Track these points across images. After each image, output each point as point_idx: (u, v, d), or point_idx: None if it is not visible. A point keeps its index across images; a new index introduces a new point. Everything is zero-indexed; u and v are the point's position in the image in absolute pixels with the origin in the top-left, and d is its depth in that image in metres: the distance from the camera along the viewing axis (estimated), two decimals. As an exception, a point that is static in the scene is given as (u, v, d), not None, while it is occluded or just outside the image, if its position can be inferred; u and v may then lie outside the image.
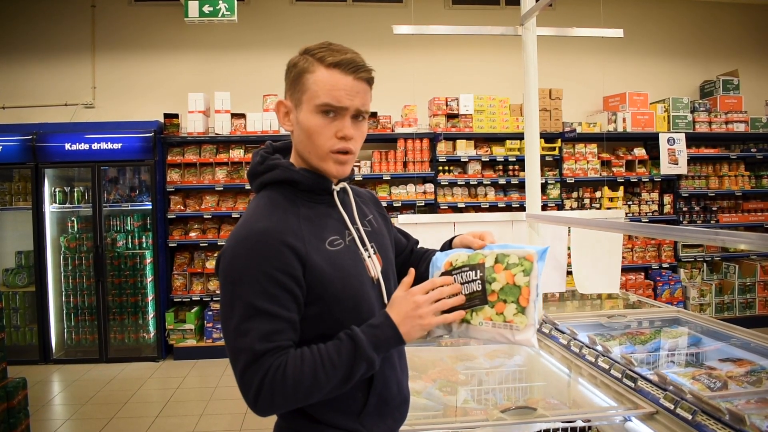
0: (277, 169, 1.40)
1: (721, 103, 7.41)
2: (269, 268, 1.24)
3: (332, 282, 1.31)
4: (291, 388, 1.21)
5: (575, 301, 3.90)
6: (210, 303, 6.60)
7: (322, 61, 1.33)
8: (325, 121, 1.33)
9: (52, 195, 6.47)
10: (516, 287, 1.31)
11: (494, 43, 7.31)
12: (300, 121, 1.36)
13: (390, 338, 1.27)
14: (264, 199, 1.38)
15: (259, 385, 1.21)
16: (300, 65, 1.36)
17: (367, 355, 1.25)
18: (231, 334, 1.24)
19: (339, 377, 1.24)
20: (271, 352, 1.22)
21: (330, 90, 1.32)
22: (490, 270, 1.33)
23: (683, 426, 1.74)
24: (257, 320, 1.22)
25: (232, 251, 1.28)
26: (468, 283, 1.33)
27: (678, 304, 6.76)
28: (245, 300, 1.23)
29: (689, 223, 7.23)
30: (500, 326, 1.31)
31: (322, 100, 1.32)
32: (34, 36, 7.02)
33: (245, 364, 1.21)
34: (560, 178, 6.96)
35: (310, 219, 1.36)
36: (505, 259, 1.33)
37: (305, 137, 1.36)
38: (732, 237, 1.62)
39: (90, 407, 5.01)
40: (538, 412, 1.93)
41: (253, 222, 1.30)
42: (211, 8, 5.76)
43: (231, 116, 6.58)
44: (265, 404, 1.22)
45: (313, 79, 1.33)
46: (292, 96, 1.38)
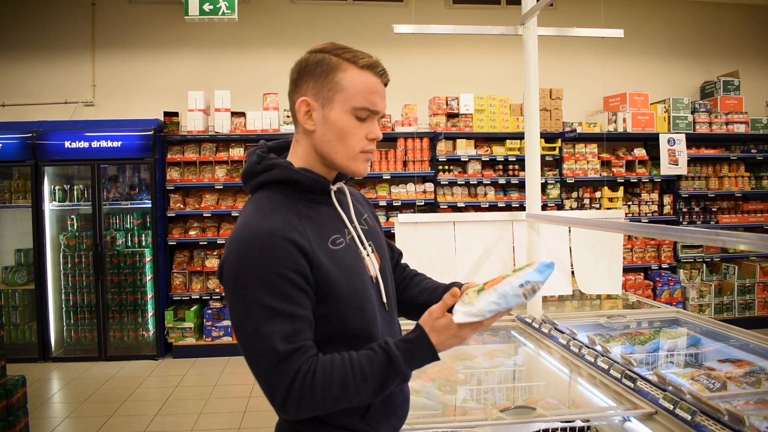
0: (276, 168, 1.37)
1: (722, 103, 7.41)
2: (280, 267, 1.22)
3: (338, 282, 1.30)
4: (319, 395, 1.21)
5: (575, 301, 3.91)
6: (209, 301, 6.61)
7: (353, 63, 1.33)
8: (357, 122, 1.34)
9: (51, 193, 6.46)
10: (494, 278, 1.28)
11: (495, 42, 7.31)
12: (330, 120, 1.33)
13: (425, 356, 1.27)
14: (263, 199, 1.36)
15: (287, 389, 1.20)
16: (328, 63, 1.33)
17: (402, 372, 1.25)
18: (249, 338, 1.22)
19: (370, 390, 1.25)
20: (297, 354, 1.21)
21: (368, 93, 1.33)
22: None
23: (682, 426, 1.74)
24: (276, 322, 1.21)
25: (239, 255, 1.25)
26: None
27: (677, 304, 6.76)
28: (261, 302, 1.21)
29: (689, 224, 7.23)
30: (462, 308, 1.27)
31: (361, 103, 1.32)
32: (34, 34, 7.01)
33: (268, 367, 1.20)
34: (560, 178, 6.96)
35: (311, 218, 1.35)
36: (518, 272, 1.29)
37: (334, 137, 1.34)
38: (732, 238, 1.62)
39: (89, 405, 5.01)
40: (537, 412, 1.93)
41: (256, 223, 1.27)
42: (212, 6, 5.76)
43: (231, 115, 6.58)
44: (292, 409, 1.22)
45: (348, 78, 1.32)
46: (318, 94, 1.34)
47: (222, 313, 6.47)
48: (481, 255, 3.34)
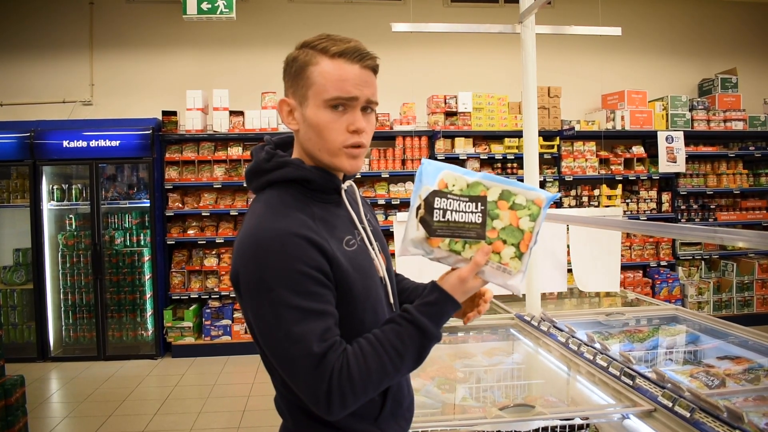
0: (288, 167, 1.31)
1: (720, 101, 7.42)
2: (303, 266, 1.18)
3: (355, 283, 1.28)
4: (360, 385, 1.19)
5: (573, 299, 3.91)
6: (208, 300, 6.60)
7: (325, 52, 1.26)
8: (334, 115, 1.27)
9: (50, 192, 6.46)
10: (519, 230, 1.23)
11: (493, 41, 7.31)
12: (307, 117, 1.28)
13: (450, 311, 1.26)
14: (274, 198, 1.29)
15: (327, 391, 1.17)
16: (301, 59, 1.28)
17: (435, 334, 1.24)
18: (282, 343, 1.18)
19: (410, 363, 1.24)
20: (331, 352, 1.18)
21: (337, 81, 1.25)
22: (493, 205, 1.24)
23: (681, 423, 1.74)
24: (309, 322, 1.17)
25: (257, 258, 1.19)
26: (464, 213, 1.23)
27: (676, 302, 6.77)
28: (290, 304, 1.16)
29: (687, 221, 7.24)
30: (494, 266, 1.24)
31: (331, 94, 1.25)
32: (32, 33, 7.00)
33: (307, 370, 1.16)
34: (559, 176, 6.96)
35: (323, 219, 1.30)
36: (512, 197, 1.24)
37: (314, 134, 1.29)
38: (730, 235, 1.62)
39: (88, 405, 5.01)
40: (536, 410, 1.93)
41: (270, 223, 1.22)
42: (210, 5, 5.75)
43: (229, 114, 6.57)
44: (338, 407, 1.18)
45: (318, 71, 1.26)
46: (295, 93, 1.30)
47: (221, 312, 6.47)
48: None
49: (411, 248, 1.28)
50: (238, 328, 6.42)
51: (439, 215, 1.23)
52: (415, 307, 1.25)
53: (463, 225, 1.23)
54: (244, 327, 6.42)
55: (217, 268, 6.56)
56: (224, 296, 6.63)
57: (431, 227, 1.24)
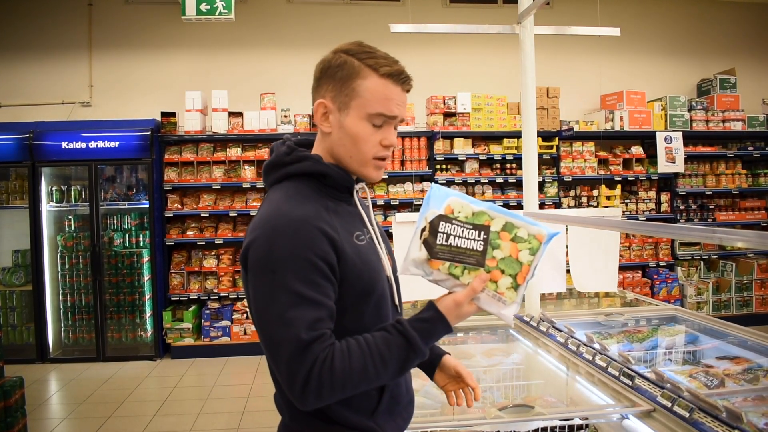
0: (307, 161, 1.38)
1: (719, 101, 7.43)
2: (311, 255, 1.23)
3: (361, 276, 1.32)
4: (339, 381, 1.21)
5: (573, 299, 3.91)
6: (207, 302, 6.60)
7: (375, 69, 1.33)
8: (372, 129, 1.35)
9: (49, 193, 6.45)
10: (518, 262, 1.26)
11: (492, 41, 7.31)
12: (345, 125, 1.35)
13: (441, 332, 1.29)
14: (291, 189, 1.35)
15: (306, 378, 1.19)
16: (349, 67, 1.34)
17: (422, 351, 1.27)
18: (273, 323, 1.22)
19: (390, 372, 1.26)
20: (318, 342, 1.21)
21: (384, 100, 1.33)
22: (495, 235, 1.27)
23: (680, 424, 1.75)
24: (303, 308, 1.21)
25: (269, 240, 1.24)
26: (467, 239, 1.27)
27: (675, 302, 6.77)
28: (289, 288, 1.21)
29: (686, 222, 7.25)
30: (489, 294, 1.28)
31: (376, 110, 1.33)
32: (31, 34, 7.00)
33: (291, 354, 1.19)
34: (558, 176, 6.96)
35: (337, 212, 1.36)
36: (515, 230, 1.28)
37: (350, 142, 1.36)
38: (729, 235, 1.62)
39: (87, 406, 5.00)
40: (535, 410, 1.93)
41: (287, 210, 1.28)
42: (209, 6, 5.76)
43: (228, 115, 6.57)
44: (312, 397, 1.21)
45: (366, 86, 1.32)
46: (336, 98, 1.36)
47: (220, 314, 6.47)
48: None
49: (411, 268, 1.32)
50: (237, 330, 6.42)
51: (442, 239, 1.28)
52: (409, 320, 1.29)
53: (465, 251, 1.27)
54: (244, 328, 6.43)
55: (217, 269, 6.55)
56: (223, 297, 6.63)
57: (433, 249, 1.28)
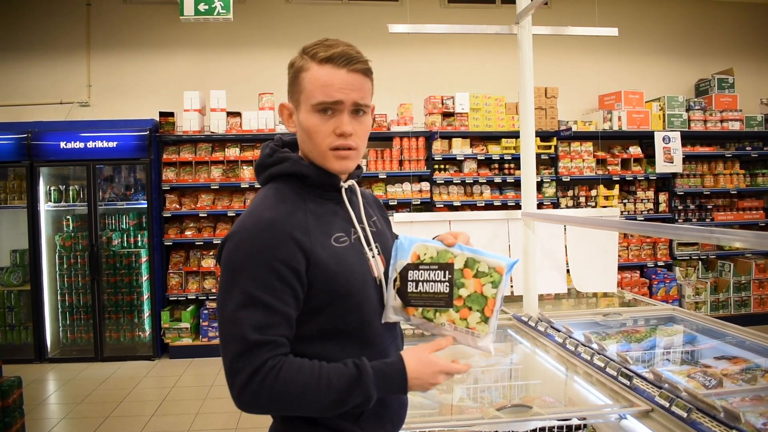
0: (286, 162, 1.39)
1: (717, 101, 7.43)
2: (272, 259, 1.23)
3: (336, 278, 1.30)
4: (279, 393, 1.20)
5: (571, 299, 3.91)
6: (205, 302, 6.59)
7: (314, 58, 1.32)
8: (322, 119, 1.32)
9: (47, 193, 6.44)
10: (483, 297, 1.32)
11: (490, 41, 7.32)
12: (300, 121, 1.36)
13: (396, 387, 1.29)
14: (271, 190, 1.37)
15: (247, 379, 1.19)
16: (296, 65, 1.36)
17: (368, 391, 1.25)
18: (225, 321, 1.23)
19: (330, 400, 1.23)
20: (267, 347, 1.20)
21: (323, 86, 1.30)
22: (459, 273, 1.34)
23: (678, 424, 1.75)
24: (252, 310, 1.21)
25: (237, 238, 1.26)
26: (434, 282, 1.34)
27: (673, 302, 6.78)
28: (243, 288, 1.22)
29: (684, 222, 7.26)
30: (462, 330, 1.34)
31: (317, 99, 1.31)
32: (29, 34, 6.99)
33: (235, 352, 1.20)
34: (556, 176, 6.97)
35: (317, 214, 1.35)
36: (476, 265, 1.34)
37: (306, 137, 1.36)
38: (727, 235, 1.62)
39: (85, 406, 5.00)
40: (533, 410, 1.93)
41: (259, 212, 1.29)
42: (207, 6, 5.75)
43: (227, 114, 6.57)
44: (248, 400, 1.21)
45: (308, 77, 1.32)
46: (292, 97, 1.39)
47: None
48: (477, 254, 3.34)
49: (392, 315, 1.38)
50: (235, 329, 6.40)
51: (412, 287, 1.35)
52: (372, 362, 1.29)
53: (434, 295, 1.34)
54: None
55: (215, 269, 6.55)
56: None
57: (406, 298, 1.35)
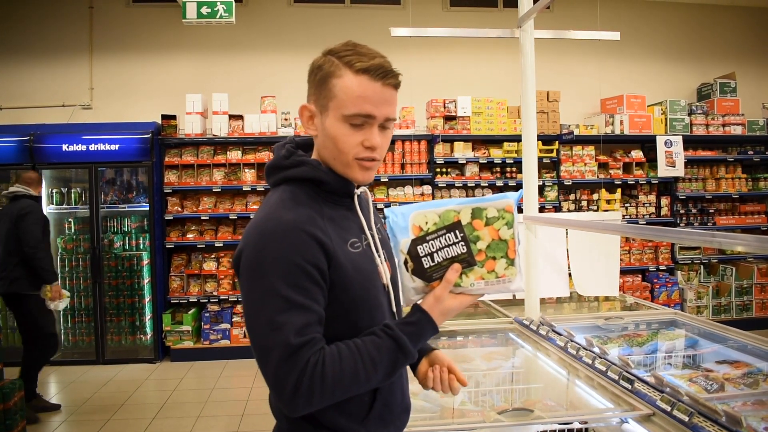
0: (304, 166, 1.36)
1: (719, 105, 7.43)
2: (300, 260, 1.22)
3: (353, 284, 1.30)
4: (330, 386, 1.20)
5: (572, 303, 3.91)
6: (207, 304, 6.59)
7: (350, 66, 1.28)
8: (352, 130, 1.30)
9: (49, 196, 6.45)
10: (502, 241, 1.28)
11: (492, 45, 7.32)
12: (325, 127, 1.32)
13: (429, 332, 1.31)
14: (287, 193, 1.34)
15: (296, 383, 1.18)
16: (326, 68, 1.31)
17: (412, 353, 1.28)
18: (263, 328, 1.21)
19: (381, 375, 1.26)
20: (307, 347, 1.20)
21: (358, 99, 1.28)
22: (470, 228, 1.29)
23: (680, 428, 1.74)
24: (290, 314, 1.20)
25: (259, 244, 1.24)
26: (449, 246, 1.28)
27: (675, 306, 6.78)
28: (277, 293, 1.20)
29: (686, 226, 7.25)
30: (493, 282, 1.30)
31: (350, 110, 1.28)
32: (32, 37, 7.01)
33: (280, 359, 1.18)
34: (558, 180, 6.96)
35: (332, 219, 1.34)
36: (483, 212, 1.28)
37: (331, 144, 1.33)
38: (728, 239, 1.62)
39: (86, 409, 5.00)
40: (535, 414, 1.93)
41: (279, 214, 1.27)
42: (209, 9, 5.76)
43: (229, 117, 6.58)
44: (302, 401, 1.20)
45: (341, 85, 1.29)
46: (317, 101, 1.34)
47: (220, 316, 6.46)
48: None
49: (414, 296, 1.35)
50: (237, 332, 6.41)
51: (428, 261, 1.29)
52: (396, 323, 1.30)
53: (453, 259, 1.29)
54: (243, 331, 6.41)
55: (216, 271, 6.55)
56: (223, 300, 6.62)
57: (426, 274, 1.30)
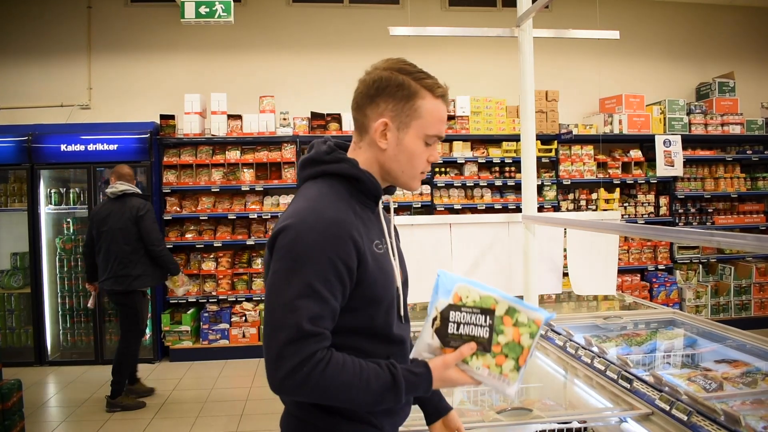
0: (344, 163, 1.44)
1: (717, 105, 7.44)
2: (334, 256, 1.29)
3: (376, 282, 1.38)
4: (323, 386, 1.26)
5: (571, 302, 3.91)
6: (206, 304, 6.59)
7: (431, 91, 1.43)
8: (425, 147, 1.45)
9: (47, 196, 6.45)
10: (519, 346, 1.35)
11: (491, 44, 7.31)
12: (403, 142, 1.43)
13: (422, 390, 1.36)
14: (326, 188, 1.42)
15: (296, 366, 1.24)
16: (410, 88, 1.42)
17: (401, 399, 1.33)
18: (280, 306, 1.27)
19: (367, 401, 1.31)
20: (316, 338, 1.26)
21: (438, 122, 1.44)
22: (499, 320, 1.36)
23: (678, 427, 1.74)
24: (310, 301, 1.26)
25: (301, 230, 1.31)
26: (475, 326, 1.36)
27: (674, 305, 6.78)
28: (304, 279, 1.27)
29: (685, 225, 7.25)
30: (495, 376, 1.36)
31: (432, 131, 1.43)
32: (30, 37, 7.00)
33: (289, 339, 1.24)
34: (556, 179, 6.97)
35: (362, 218, 1.42)
36: (516, 314, 1.36)
37: (405, 158, 1.44)
38: (727, 238, 1.62)
39: (86, 409, 4.99)
40: (533, 413, 1.93)
41: (321, 208, 1.34)
42: (208, 9, 5.75)
43: (227, 117, 6.57)
44: (292, 386, 1.26)
45: (426, 107, 1.42)
46: (397, 116, 1.43)
47: (219, 316, 6.46)
48: (477, 256, 3.35)
49: (425, 353, 1.41)
50: (236, 332, 6.41)
51: (453, 328, 1.37)
52: (401, 367, 1.35)
53: (473, 338, 1.36)
54: (242, 331, 6.41)
55: (215, 272, 6.55)
56: (222, 300, 6.62)
57: (445, 338, 1.37)
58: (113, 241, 4.89)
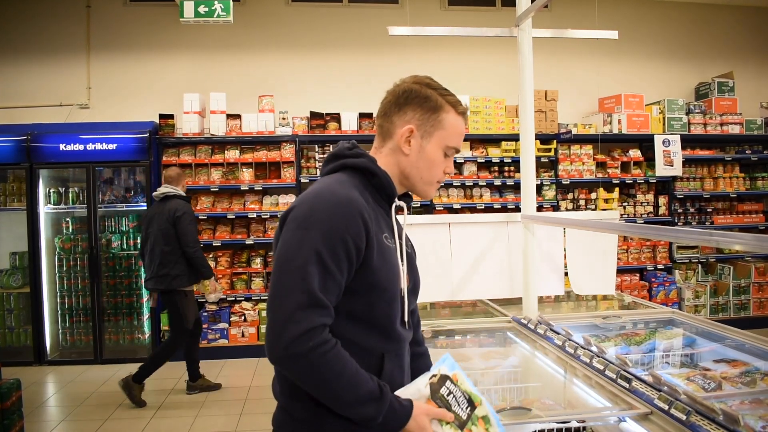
0: (363, 158, 1.53)
1: (716, 104, 7.44)
2: (344, 232, 1.34)
3: (381, 269, 1.42)
4: (319, 368, 1.28)
5: (570, 302, 3.92)
6: (205, 304, 6.58)
7: (454, 107, 1.56)
8: (443, 158, 1.57)
9: (46, 196, 6.45)
10: None
11: (490, 44, 7.32)
12: (425, 150, 1.54)
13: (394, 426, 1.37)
14: (343, 176, 1.49)
15: (301, 336, 1.26)
16: (437, 102, 1.54)
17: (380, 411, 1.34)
18: (292, 270, 1.31)
19: (349, 400, 1.32)
20: (325, 310, 1.31)
21: (458, 135, 1.57)
22: (476, 418, 1.49)
23: (677, 426, 1.74)
24: (320, 269, 1.31)
25: (313, 204, 1.38)
26: (460, 406, 1.48)
27: (673, 305, 6.78)
28: (315, 247, 1.31)
29: (684, 225, 7.25)
30: None
31: (453, 143, 1.56)
32: (29, 36, 7.00)
33: (300, 303, 1.28)
34: (556, 179, 6.97)
35: (374, 210, 1.48)
36: (488, 423, 1.50)
37: (425, 166, 1.55)
38: (726, 238, 1.62)
39: (85, 408, 4.99)
40: (532, 413, 1.93)
41: (336, 188, 1.41)
42: (207, 9, 5.75)
43: (226, 117, 6.57)
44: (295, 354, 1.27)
45: (449, 120, 1.54)
46: (422, 125, 1.53)
47: (218, 316, 6.46)
48: (477, 256, 3.35)
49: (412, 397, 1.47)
50: (235, 332, 6.41)
51: (444, 391, 1.49)
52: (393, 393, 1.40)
53: (454, 413, 1.47)
54: (241, 330, 6.41)
55: (214, 271, 6.53)
56: (221, 300, 6.61)
57: (435, 394, 1.47)
58: (156, 241, 5.03)
